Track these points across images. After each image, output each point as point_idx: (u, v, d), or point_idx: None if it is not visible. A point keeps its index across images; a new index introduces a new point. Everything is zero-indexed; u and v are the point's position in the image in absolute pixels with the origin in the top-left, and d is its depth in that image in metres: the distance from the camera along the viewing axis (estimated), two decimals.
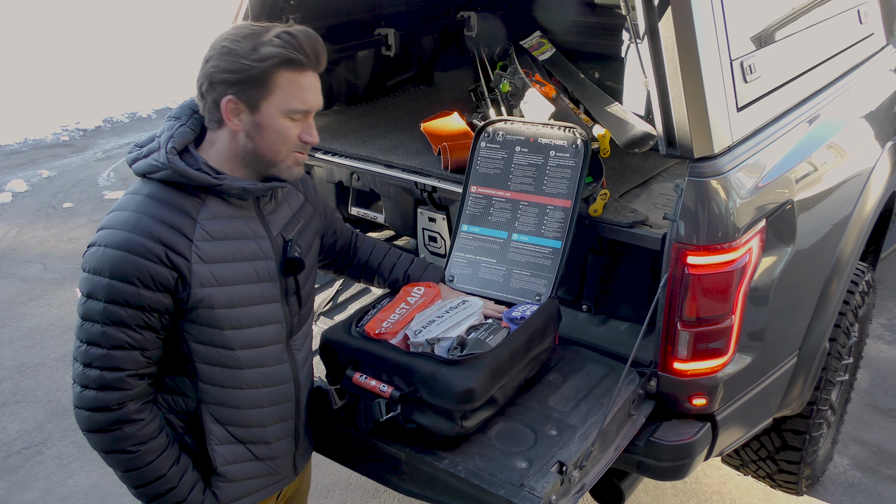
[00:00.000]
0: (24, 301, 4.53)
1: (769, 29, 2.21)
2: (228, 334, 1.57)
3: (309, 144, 1.60)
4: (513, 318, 2.02)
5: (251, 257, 1.60)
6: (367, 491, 3.04)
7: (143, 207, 1.50)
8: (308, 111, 1.57)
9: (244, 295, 1.58)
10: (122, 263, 1.45)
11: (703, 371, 2.01)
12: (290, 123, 1.55)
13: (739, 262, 1.92)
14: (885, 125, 2.86)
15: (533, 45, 3.34)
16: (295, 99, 1.53)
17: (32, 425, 3.48)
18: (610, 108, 2.84)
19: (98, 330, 1.47)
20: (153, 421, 1.54)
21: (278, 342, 1.68)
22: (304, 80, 1.53)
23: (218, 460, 1.64)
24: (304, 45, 1.50)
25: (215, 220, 1.55)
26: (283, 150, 1.57)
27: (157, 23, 12.00)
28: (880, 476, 3.09)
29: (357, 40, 3.38)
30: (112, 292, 1.45)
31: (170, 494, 1.57)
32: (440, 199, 2.57)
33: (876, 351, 3.84)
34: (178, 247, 1.48)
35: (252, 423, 1.67)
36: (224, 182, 1.54)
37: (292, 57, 1.49)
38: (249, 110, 1.52)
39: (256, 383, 1.64)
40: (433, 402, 1.74)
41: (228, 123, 1.54)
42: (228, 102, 1.51)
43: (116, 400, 1.49)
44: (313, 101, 1.57)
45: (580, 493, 1.79)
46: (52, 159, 7.20)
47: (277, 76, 1.50)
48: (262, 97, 1.51)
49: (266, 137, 1.54)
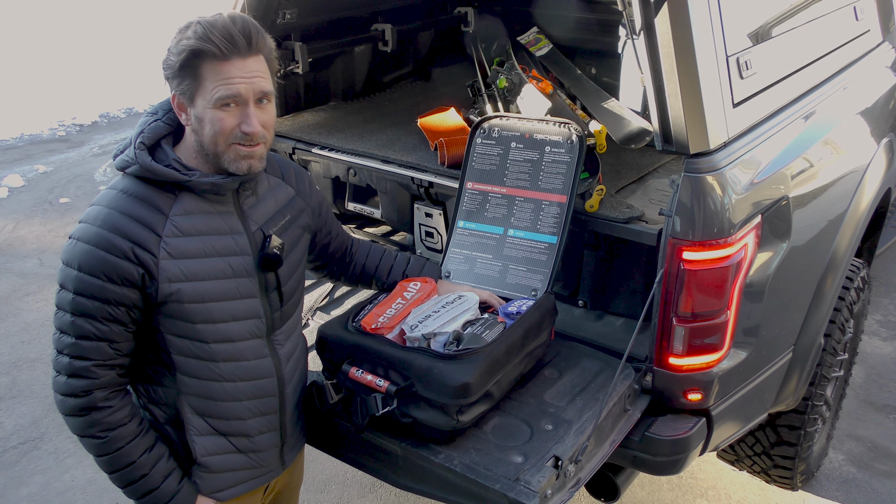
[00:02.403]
0: (20, 296, 4.52)
1: (765, 25, 2.21)
2: (201, 328, 1.58)
3: (248, 136, 1.53)
4: (509, 314, 2.02)
5: (225, 252, 1.60)
6: (363, 486, 3.05)
7: (115, 203, 1.52)
8: (237, 98, 1.51)
9: (215, 290, 1.59)
10: (89, 257, 1.48)
11: (698, 366, 2.01)
12: (223, 114, 1.51)
13: (735, 257, 1.93)
14: (880, 122, 2.87)
15: (530, 41, 3.34)
16: (219, 87, 1.49)
17: (29, 420, 3.48)
18: (606, 103, 2.84)
19: (68, 319, 1.51)
20: (122, 409, 1.56)
21: (257, 337, 1.67)
22: (229, 68, 1.49)
23: (198, 451, 1.65)
24: (218, 34, 1.47)
25: (187, 216, 1.56)
26: (221, 142, 1.53)
27: (154, 18, 11.97)
28: (875, 471, 3.10)
29: (354, 36, 3.38)
30: (80, 284, 1.48)
31: (142, 481, 1.60)
32: (437, 195, 2.57)
33: (871, 347, 3.85)
34: (145, 242, 1.50)
35: (230, 416, 1.67)
36: (193, 178, 1.54)
37: (201, 48, 1.47)
38: (189, 104, 1.53)
39: (233, 377, 1.65)
40: (429, 396, 1.74)
41: (181, 119, 1.56)
42: (174, 98, 1.54)
43: (83, 387, 1.52)
44: (241, 87, 1.50)
45: (576, 487, 1.79)
46: (49, 154, 7.18)
47: (202, 68, 1.49)
48: (194, 90, 1.51)
49: (205, 130, 1.53)
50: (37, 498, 3.05)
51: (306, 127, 3.00)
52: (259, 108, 1.54)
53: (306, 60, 3.01)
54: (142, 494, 1.62)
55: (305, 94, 3.29)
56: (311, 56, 3.06)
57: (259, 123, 1.54)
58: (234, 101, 1.51)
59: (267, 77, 1.56)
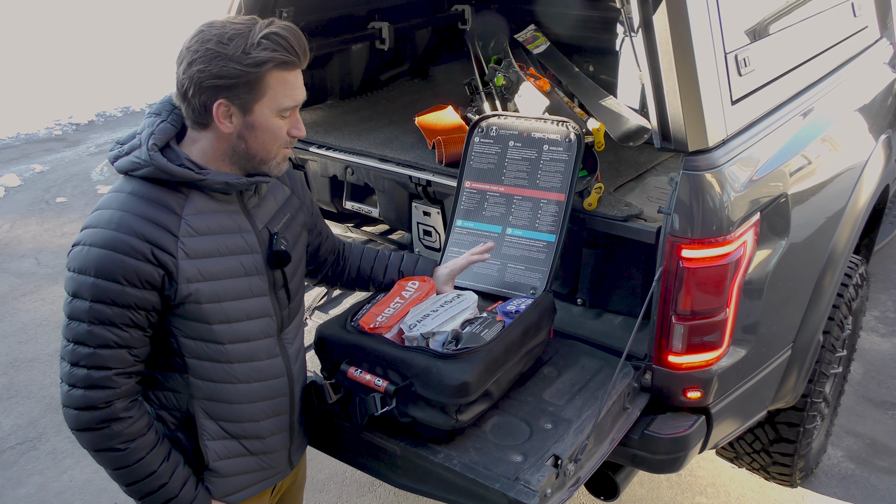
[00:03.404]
0: (17, 296, 4.51)
1: (763, 22, 2.21)
2: (217, 329, 1.57)
3: (296, 138, 1.61)
4: (508, 312, 2.02)
5: (237, 251, 1.60)
6: (362, 485, 3.04)
7: (127, 205, 1.49)
8: (297, 107, 1.58)
9: (231, 289, 1.58)
10: (106, 262, 1.45)
11: (697, 364, 2.01)
12: (283, 122, 1.56)
13: (734, 255, 1.92)
14: (878, 118, 2.87)
15: (527, 39, 3.33)
16: (286, 97, 1.53)
17: (27, 420, 3.47)
18: (604, 101, 2.84)
19: (84, 329, 1.47)
20: (141, 418, 1.54)
21: (269, 336, 1.67)
22: (293, 78, 1.54)
23: (210, 456, 1.64)
24: (294, 45, 1.50)
25: (199, 216, 1.55)
26: (275, 148, 1.58)
27: (150, 17, 11.94)
28: (874, 468, 3.10)
29: (351, 34, 3.37)
30: (97, 291, 1.45)
31: (161, 491, 1.57)
32: (435, 193, 2.57)
33: (870, 343, 3.85)
34: (164, 243, 1.48)
35: (245, 419, 1.66)
36: (207, 177, 1.53)
37: (286, 59, 1.49)
38: (242, 113, 1.51)
39: (248, 377, 1.64)
40: (428, 395, 1.74)
41: (220, 126, 1.52)
42: (220, 106, 1.49)
43: (104, 398, 1.49)
44: (301, 95, 1.57)
45: (575, 486, 1.79)
46: (45, 154, 7.16)
47: (269, 78, 1.49)
48: (254, 100, 1.50)
49: (259, 137, 1.54)
50: (35, 498, 3.04)
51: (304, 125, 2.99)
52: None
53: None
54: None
55: None
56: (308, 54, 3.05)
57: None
58: (294, 108, 1.57)
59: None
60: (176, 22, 10.80)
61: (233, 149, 1.55)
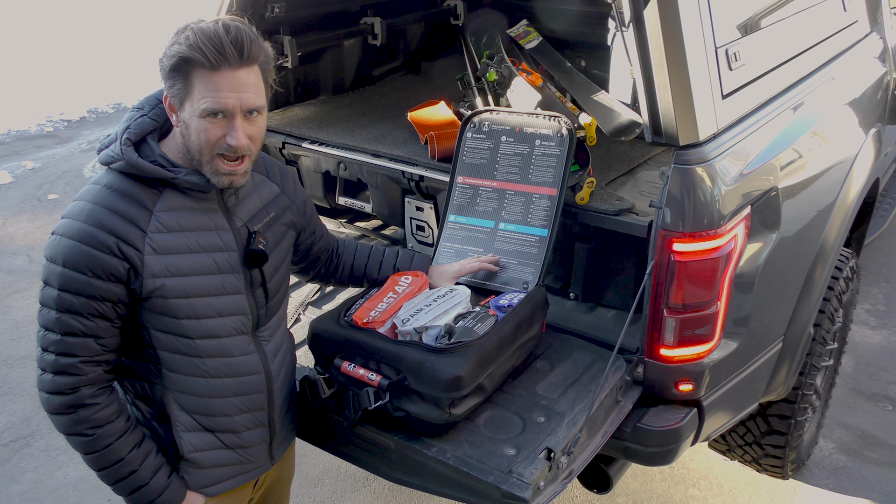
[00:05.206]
0: (9, 294, 4.50)
1: (754, 16, 2.21)
2: (185, 323, 1.58)
3: (233, 148, 1.50)
4: (500, 306, 2.02)
5: (210, 248, 1.60)
6: (356, 479, 3.05)
7: (99, 198, 1.51)
8: (224, 112, 1.48)
9: (200, 286, 1.58)
10: (74, 253, 1.47)
11: (689, 357, 2.02)
12: (209, 125, 1.48)
13: (725, 248, 1.93)
14: (868, 112, 2.88)
15: (520, 34, 3.33)
16: (205, 99, 1.46)
17: (20, 418, 3.46)
18: (596, 96, 2.84)
19: (53, 316, 1.49)
20: (109, 405, 1.55)
21: (242, 333, 1.67)
22: (218, 80, 1.46)
23: (185, 447, 1.65)
24: (209, 44, 1.43)
25: (172, 212, 1.55)
26: (206, 152, 1.51)
27: (142, 13, 11.89)
28: (865, 459, 3.13)
29: (343, 29, 3.37)
30: (65, 281, 1.48)
31: (131, 478, 1.59)
32: (428, 189, 2.57)
33: (860, 336, 3.88)
34: (130, 238, 1.49)
35: (216, 412, 1.67)
36: (179, 176, 1.53)
37: (190, 57, 1.44)
38: (179, 108, 1.51)
39: (219, 373, 1.65)
40: (421, 390, 1.74)
41: (171, 120, 1.55)
42: (166, 98, 1.53)
43: (70, 384, 1.51)
44: (229, 101, 1.47)
45: (568, 479, 1.80)
46: (37, 150, 7.13)
47: (192, 75, 1.46)
48: (184, 96, 1.49)
49: (190, 137, 1.51)
50: (29, 495, 3.04)
51: (296, 121, 3.00)
52: (248, 120, 1.52)
53: (295, 55, 3.00)
54: (131, 491, 1.61)
55: (295, 88, 3.27)
56: (301, 50, 3.05)
57: (246, 136, 1.51)
58: (222, 113, 1.48)
59: (259, 90, 1.52)
60: (167, 19, 10.76)
61: (183, 145, 1.55)
